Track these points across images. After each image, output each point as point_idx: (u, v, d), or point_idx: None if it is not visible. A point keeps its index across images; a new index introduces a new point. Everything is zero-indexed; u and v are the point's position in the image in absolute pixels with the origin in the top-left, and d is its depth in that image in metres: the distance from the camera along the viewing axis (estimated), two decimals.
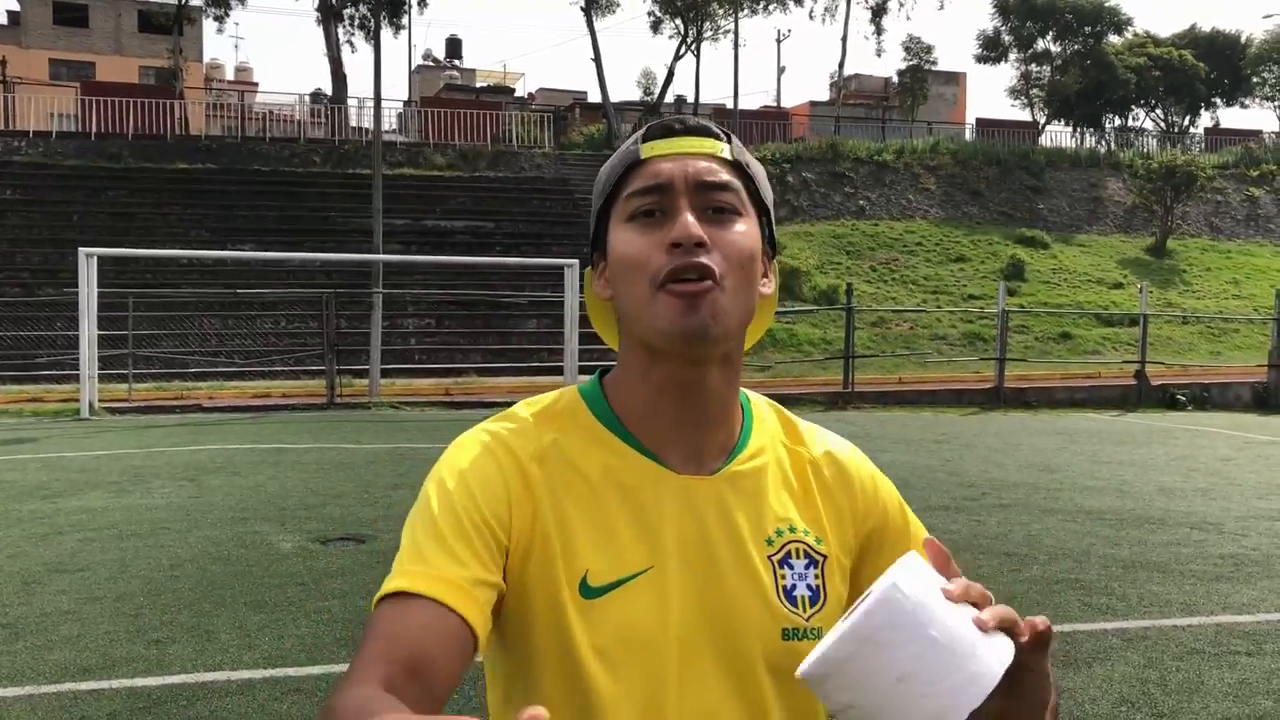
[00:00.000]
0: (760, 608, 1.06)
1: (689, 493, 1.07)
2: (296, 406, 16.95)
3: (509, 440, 1.07)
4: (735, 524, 1.08)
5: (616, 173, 1.10)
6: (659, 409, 1.09)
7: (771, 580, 1.07)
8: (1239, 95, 46.30)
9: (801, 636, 1.06)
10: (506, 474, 1.04)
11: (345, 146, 31.02)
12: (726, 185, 1.07)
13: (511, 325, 24.38)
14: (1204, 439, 14.29)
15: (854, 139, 35.92)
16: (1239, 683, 4.55)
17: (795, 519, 1.11)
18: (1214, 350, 26.12)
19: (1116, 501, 9.03)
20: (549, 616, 1.02)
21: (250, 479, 9.63)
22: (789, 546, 1.09)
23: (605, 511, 1.05)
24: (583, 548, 1.03)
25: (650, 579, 1.03)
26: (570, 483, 1.06)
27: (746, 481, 1.10)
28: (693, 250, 1.02)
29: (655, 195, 1.06)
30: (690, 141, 1.08)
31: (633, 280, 1.05)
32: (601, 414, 1.11)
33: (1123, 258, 31.68)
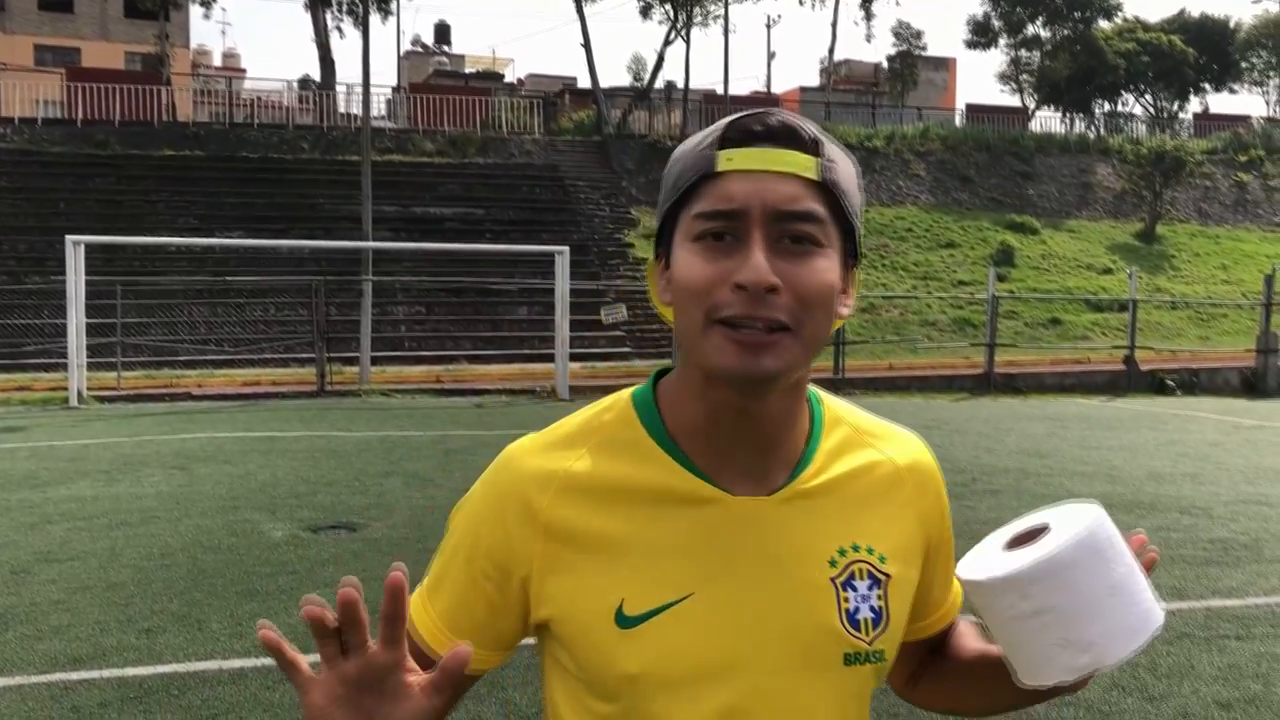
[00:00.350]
0: (822, 632, 1.01)
1: (744, 516, 1.02)
2: (286, 394, 16.90)
3: (530, 470, 1.03)
4: (794, 547, 1.02)
5: (688, 179, 0.99)
6: (714, 428, 1.02)
7: (835, 603, 1.02)
8: (1228, 80, 46.42)
9: (864, 660, 1.03)
10: (510, 511, 1.02)
11: (334, 133, 30.87)
12: (809, 215, 0.96)
13: (502, 312, 24.33)
14: (1193, 424, 14.35)
15: (844, 125, 35.89)
16: (1228, 666, 4.57)
17: (861, 536, 1.05)
18: (1203, 335, 26.22)
19: (1106, 486, 9.06)
20: (592, 641, 0.99)
21: (241, 467, 9.61)
22: (853, 567, 1.04)
23: (647, 534, 1.01)
24: (620, 574, 1.00)
25: (690, 607, 0.99)
26: (609, 508, 1.01)
27: (809, 501, 1.04)
28: (761, 297, 0.93)
29: (725, 220, 0.95)
30: (774, 156, 0.96)
31: (690, 308, 0.97)
32: (652, 427, 1.05)
33: (1112, 243, 31.75)
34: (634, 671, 0.98)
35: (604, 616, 0.99)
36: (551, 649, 1.05)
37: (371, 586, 4.39)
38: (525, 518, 1.01)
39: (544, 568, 1.01)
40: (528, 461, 1.04)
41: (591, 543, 1.00)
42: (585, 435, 1.05)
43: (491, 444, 11.35)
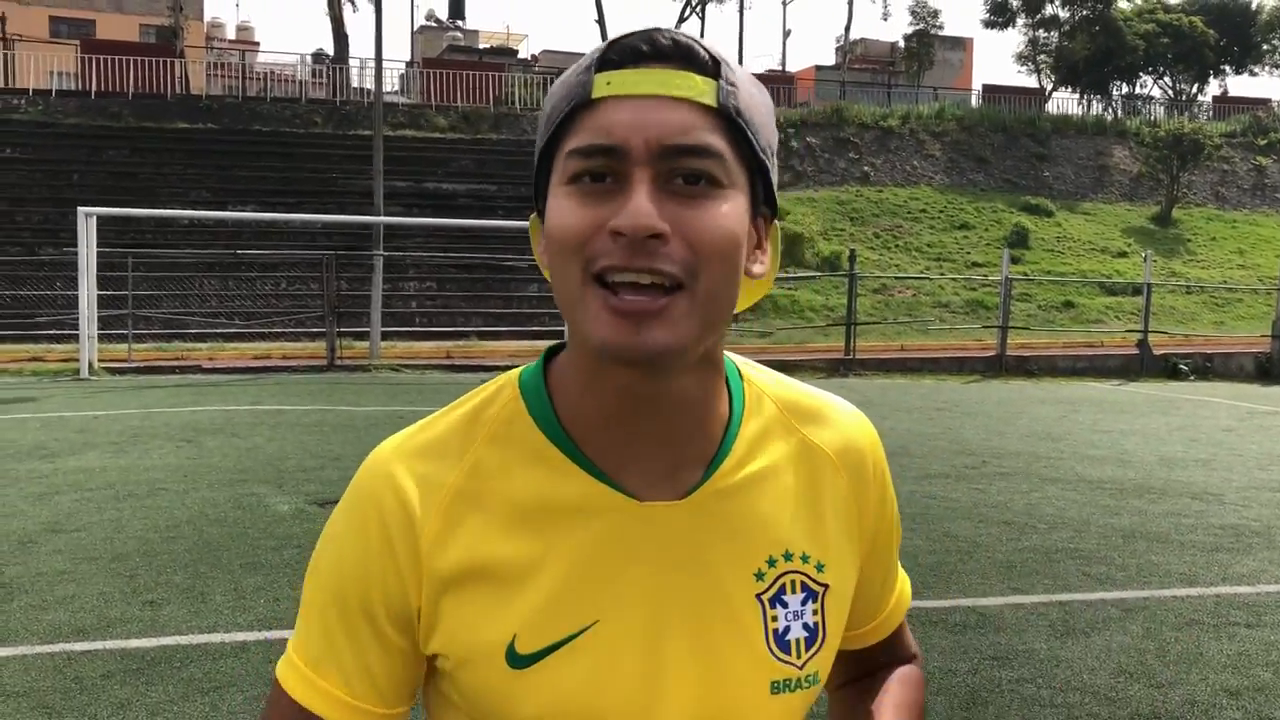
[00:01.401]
0: (744, 660, 0.87)
1: (652, 525, 0.86)
2: (297, 368, 16.92)
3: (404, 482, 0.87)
4: (714, 559, 0.87)
5: (561, 110, 0.82)
6: (611, 418, 0.86)
7: (761, 624, 0.88)
8: (1248, 63, 45.89)
9: (794, 688, 0.89)
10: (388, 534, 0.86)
11: (346, 107, 30.79)
12: (705, 149, 0.79)
13: (513, 289, 24.30)
14: (1206, 409, 14.25)
15: (859, 104, 35.63)
16: (1238, 654, 4.52)
17: (794, 540, 0.91)
18: (1218, 320, 26.04)
19: (1117, 471, 9.00)
20: (478, 686, 0.85)
21: (249, 440, 9.61)
22: (783, 580, 0.90)
23: (539, 554, 0.85)
24: (513, 604, 0.84)
25: (593, 639, 0.84)
26: (493, 520, 0.86)
27: (731, 502, 0.89)
28: (644, 245, 0.77)
29: (603, 158, 0.79)
30: (661, 77, 0.79)
31: (565, 264, 0.81)
32: (543, 419, 0.88)
33: (1128, 226, 31.51)
34: (531, 715, 0.84)
35: (495, 654, 0.84)
36: (440, 684, 0.90)
37: None
38: (403, 541, 0.85)
39: (431, 596, 0.85)
40: (399, 474, 0.87)
41: (479, 569, 0.85)
42: (467, 435, 0.88)
43: None
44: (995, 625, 4.83)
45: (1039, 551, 6.18)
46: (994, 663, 4.34)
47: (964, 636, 4.65)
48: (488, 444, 0.88)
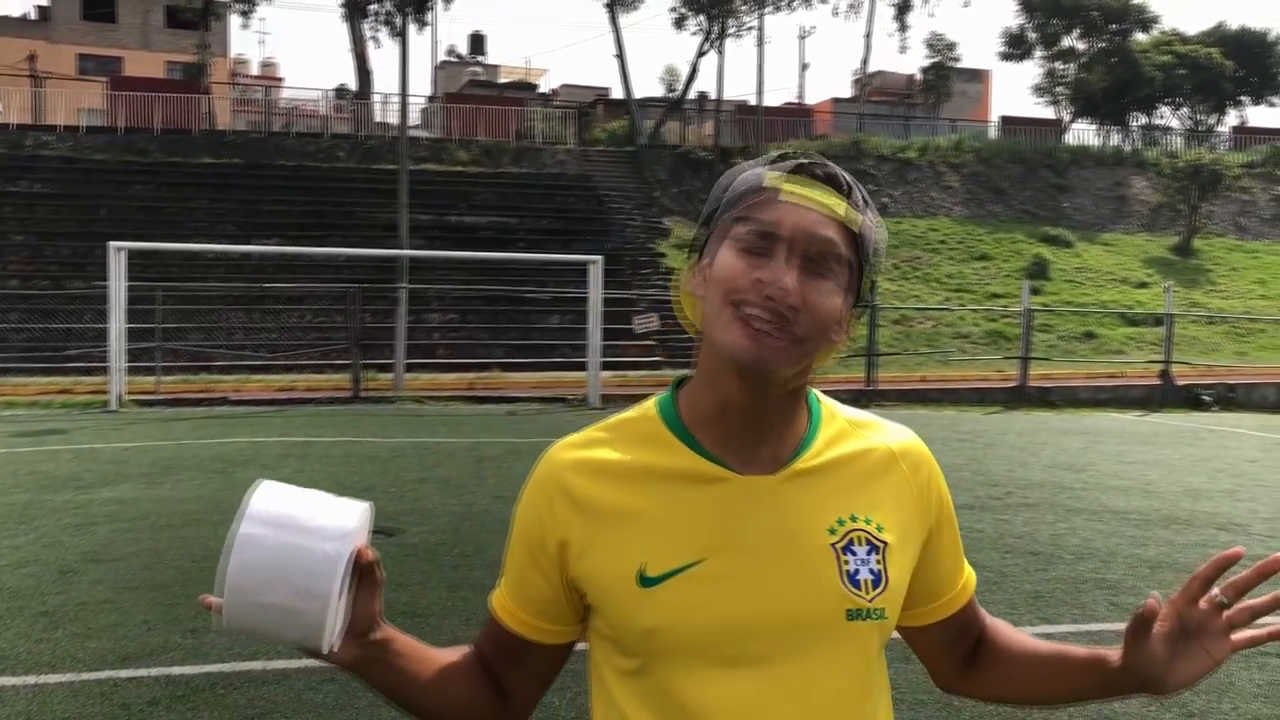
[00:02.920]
0: (825, 591, 1.13)
1: (750, 491, 1.15)
2: (322, 400, 17.07)
3: (565, 463, 1.19)
4: (796, 517, 1.15)
5: (737, 192, 1.15)
6: (723, 416, 1.16)
7: (835, 566, 1.14)
8: (1266, 93, 45.92)
9: (865, 617, 1.14)
10: (553, 499, 1.17)
11: (370, 142, 31.18)
12: (833, 248, 1.11)
13: (534, 321, 24.46)
14: (1230, 440, 14.21)
15: (877, 136, 35.83)
16: (1269, 684, 4.55)
17: (859, 509, 1.18)
18: (1240, 351, 25.94)
19: (1142, 502, 9.00)
20: (617, 602, 1.14)
21: (278, 471, 9.72)
22: (851, 535, 1.16)
23: (664, 508, 1.14)
24: (641, 543, 1.13)
25: (703, 569, 1.12)
26: (630, 486, 1.16)
27: (808, 478, 1.17)
28: (775, 295, 1.08)
29: (766, 240, 1.10)
30: (815, 194, 1.12)
31: (716, 295, 1.12)
32: (670, 420, 1.20)
33: (1148, 257, 31.49)
34: (652, 625, 1.11)
35: (628, 578, 1.12)
36: (593, 620, 1.20)
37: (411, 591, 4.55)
38: (564, 497, 1.16)
39: (581, 540, 1.15)
40: (564, 455, 1.20)
41: (618, 516, 1.15)
42: (612, 432, 1.21)
43: (524, 451, 11.43)
44: None
45: (1066, 581, 6.21)
46: None
47: None
48: (627, 436, 1.20)
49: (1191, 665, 1.15)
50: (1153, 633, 1.14)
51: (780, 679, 1.11)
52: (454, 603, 5.52)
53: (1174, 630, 1.15)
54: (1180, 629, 1.15)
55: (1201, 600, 1.15)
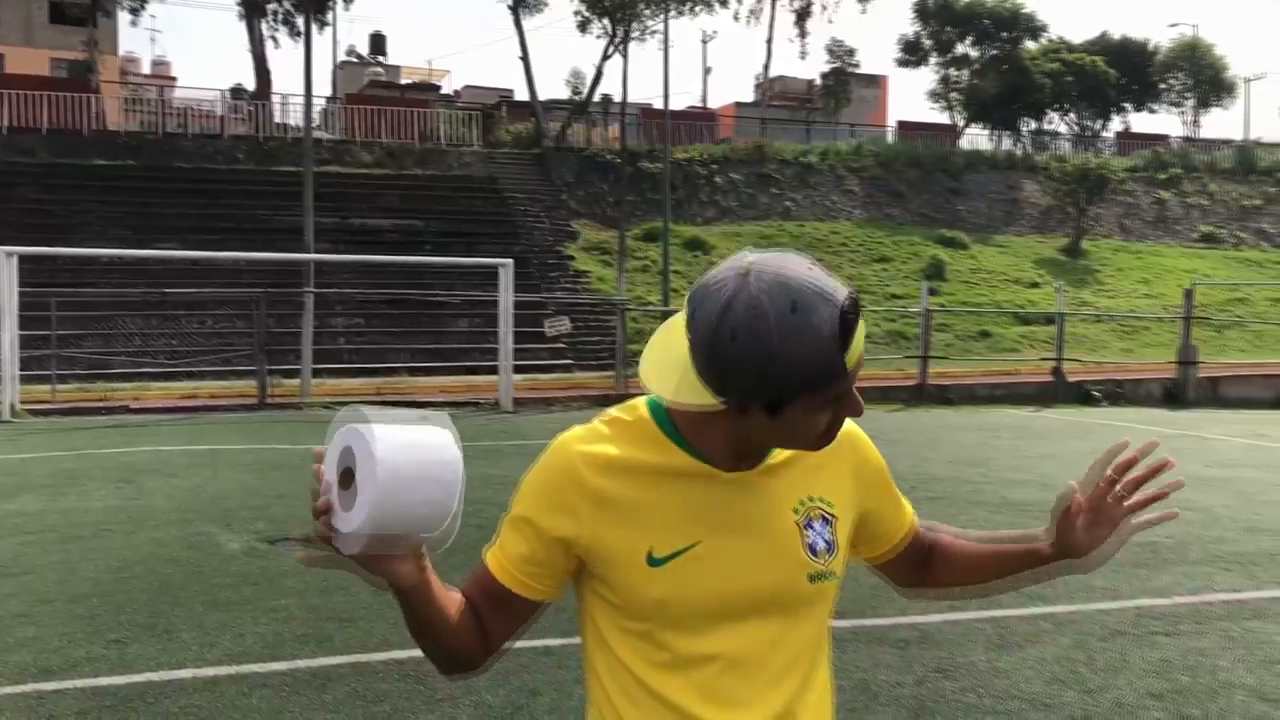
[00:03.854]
0: (792, 562, 1.37)
1: (732, 484, 1.37)
2: (226, 408, 16.76)
3: (579, 455, 1.36)
4: (769, 503, 1.38)
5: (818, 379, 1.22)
6: (718, 432, 1.35)
7: (800, 540, 1.38)
8: (1147, 101, 47.94)
9: (822, 578, 1.40)
10: (566, 486, 1.35)
11: (269, 143, 30.61)
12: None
13: (442, 325, 24.32)
14: (1117, 434, 14.81)
15: (780, 140, 36.44)
16: (1159, 660, 4.86)
17: (815, 490, 1.42)
18: (1126, 348, 27.07)
19: (1039, 493, 9.40)
20: (629, 578, 1.34)
21: (188, 480, 9.57)
22: (810, 512, 1.41)
23: (666, 501, 1.35)
24: (648, 529, 1.34)
25: (700, 551, 1.34)
26: (637, 482, 1.35)
27: (777, 470, 1.40)
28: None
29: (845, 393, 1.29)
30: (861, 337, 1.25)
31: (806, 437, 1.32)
32: (664, 426, 1.38)
33: (1039, 258, 32.62)
34: (660, 597, 1.32)
35: (638, 558, 1.32)
36: (594, 586, 1.38)
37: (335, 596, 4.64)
38: (578, 488, 1.34)
39: (592, 523, 1.34)
40: (578, 448, 1.36)
41: (627, 505, 1.34)
42: (613, 430, 1.38)
43: None
44: (936, 641, 5.11)
45: None
46: (938, 675, 4.61)
47: (908, 651, 4.91)
48: (629, 437, 1.37)
49: (1105, 545, 1.46)
50: (1073, 518, 1.44)
51: (760, 630, 1.36)
52: (380, 606, 5.48)
53: (1088, 517, 1.45)
54: (1092, 515, 1.45)
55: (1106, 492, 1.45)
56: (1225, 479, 10.51)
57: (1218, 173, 39.93)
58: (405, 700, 4.25)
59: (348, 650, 4.85)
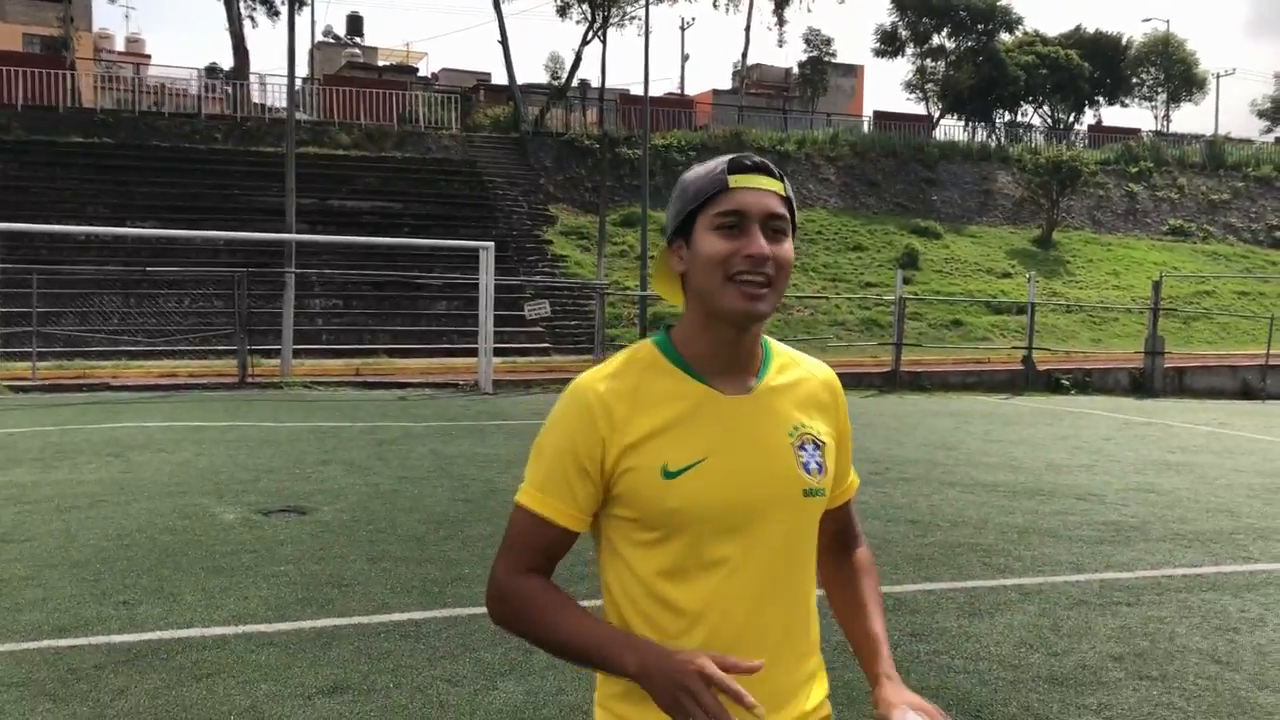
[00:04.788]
0: (791, 475, 1.56)
1: (734, 407, 1.56)
2: (206, 386, 16.83)
3: (601, 390, 1.53)
4: (766, 425, 1.57)
5: (706, 191, 1.52)
6: (713, 353, 1.57)
7: (795, 459, 1.57)
8: (1120, 95, 48.47)
9: (814, 494, 1.58)
10: (596, 422, 1.52)
11: (248, 123, 30.51)
12: (782, 216, 1.53)
13: (421, 306, 24.43)
14: (1086, 420, 15.22)
15: (757, 128, 36.65)
16: (1121, 628, 5.13)
17: (804, 420, 1.61)
18: (1095, 338, 27.52)
19: (1009, 476, 9.70)
20: (646, 491, 1.51)
21: (177, 455, 9.71)
22: (803, 437, 1.59)
23: (676, 422, 1.53)
24: (663, 447, 1.51)
25: (708, 464, 1.51)
26: (651, 407, 1.53)
27: (771, 397, 1.59)
28: (761, 263, 1.49)
29: (737, 217, 1.50)
30: (762, 180, 1.52)
31: (713, 271, 1.50)
32: (672, 358, 1.58)
33: (1011, 248, 33.04)
34: (674, 506, 1.49)
35: (654, 473, 1.49)
36: (612, 509, 1.55)
37: (333, 564, 4.95)
38: (604, 418, 1.51)
39: (617, 447, 1.51)
40: (598, 385, 1.54)
41: (643, 428, 1.51)
42: (628, 367, 1.56)
43: (421, 435, 11.62)
44: (910, 608, 5.36)
45: (944, 546, 6.76)
46: (912, 639, 4.86)
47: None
48: (641, 370, 1.56)
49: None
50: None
51: (761, 537, 1.53)
52: (377, 573, 5.74)
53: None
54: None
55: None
56: (1188, 464, 10.85)
57: (1187, 167, 40.52)
58: (408, 657, 4.46)
59: (348, 613, 5.05)
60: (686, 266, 1.54)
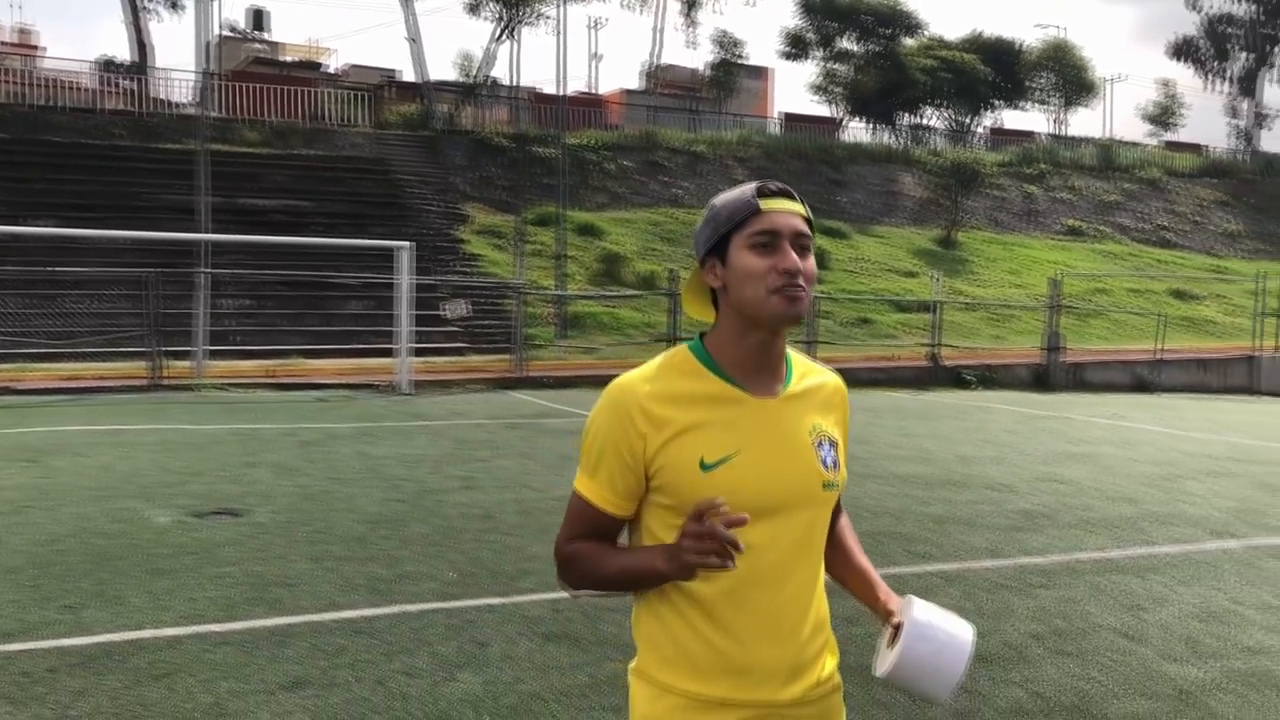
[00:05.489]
0: (813, 471, 1.77)
1: (762, 408, 1.76)
2: (115, 389, 16.46)
3: (640, 392, 1.72)
4: (790, 424, 1.77)
5: (740, 214, 1.74)
6: (746, 359, 1.76)
7: (815, 455, 1.78)
8: (1017, 98, 49.95)
9: (831, 487, 1.79)
10: (635, 420, 1.70)
11: (150, 119, 29.79)
12: (807, 235, 1.76)
13: (332, 306, 24.14)
14: (991, 414, 15.81)
15: (669, 128, 36.98)
16: (1038, 608, 5.46)
17: (821, 421, 1.82)
18: (997, 335, 28.43)
19: (923, 468, 10.09)
20: (685, 481, 1.70)
21: (96, 459, 9.55)
22: (820, 436, 1.80)
23: (711, 420, 1.72)
24: (699, 442, 1.71)
25: (740, 458, 1.71)
26: (688, 406, 1.72)
27: (795, 400, 1.80)
28: (796, 275, 1.71)
29: (770, 236, 1.71)
30: (788, 204, 1.74)
31: (755, 285, 1.71)
32: (706, 362, 1.78)
33: (915, 248, 33.92)
34: (710, 496, 1.65)
35: (692, 465, 1.69)
36: (652, 498, 1.73)
37: (276, 564, 5.09)
38: (643, 417, 1.70)
39: (655, 444, 1.69)
40: (638, 387, 1.73)
41: (681, 425, 1.70)
42: (666, 370, 1.76)
43: (345, 436, 11.59)
44: (840, 594, 5.58)
45: (867, 535, 7.03)
46: (846, 623, 5.04)
47: None
48: (677, 374, 1.76)
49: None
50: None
51: (786, 525, 1.73)
52: (321, 572, 5.79)
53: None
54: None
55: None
56: (1089, 455, 11.40)
57: (1081, 169, 42.03)
58: (364, 652, 4.55)
59: (298, 611, 5.11)
60: (723, 281, 1.74)
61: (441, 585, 5.61)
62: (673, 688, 1.72)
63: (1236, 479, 9.95)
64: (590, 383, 18.40)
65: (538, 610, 5.20)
